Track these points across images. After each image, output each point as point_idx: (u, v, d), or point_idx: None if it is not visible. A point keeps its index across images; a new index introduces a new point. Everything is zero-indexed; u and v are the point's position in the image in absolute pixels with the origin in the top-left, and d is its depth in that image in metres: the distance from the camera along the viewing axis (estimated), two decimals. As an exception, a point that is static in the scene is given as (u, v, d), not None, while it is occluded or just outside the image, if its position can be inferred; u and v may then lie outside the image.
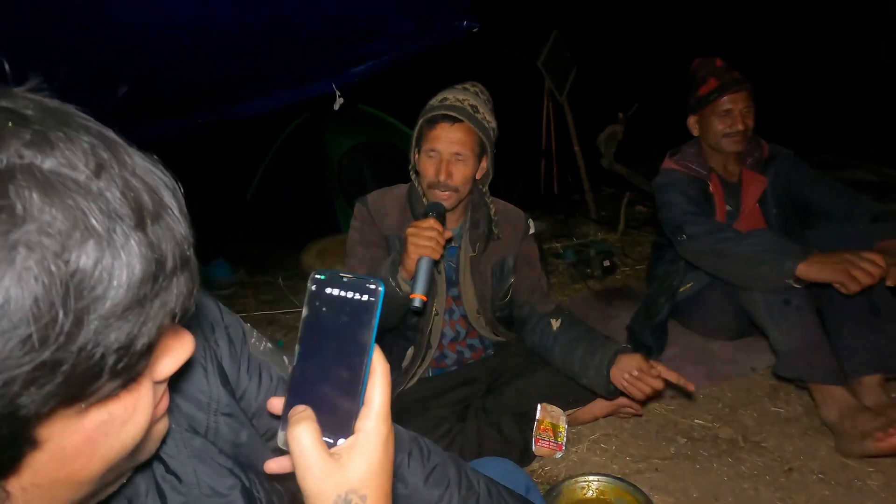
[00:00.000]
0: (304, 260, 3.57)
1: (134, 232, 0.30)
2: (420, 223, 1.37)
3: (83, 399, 0.32)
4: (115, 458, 0.37)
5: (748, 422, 1.72)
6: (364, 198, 1.64)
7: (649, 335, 2.06)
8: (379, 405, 0.46)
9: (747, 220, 2.05)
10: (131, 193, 0.31)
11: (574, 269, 3.12)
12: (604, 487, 1.37)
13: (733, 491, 1.44)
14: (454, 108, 1.47)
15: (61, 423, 0.32)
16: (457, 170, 1.48)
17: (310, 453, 0.44)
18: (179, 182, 0.36)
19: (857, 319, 1.61)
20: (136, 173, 0.32)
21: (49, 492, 0.35)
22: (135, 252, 0.30)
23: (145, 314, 0.31)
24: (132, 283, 0.30)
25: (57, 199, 0.28)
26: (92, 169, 0.29)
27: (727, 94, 1.95)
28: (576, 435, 1.72)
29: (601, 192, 4.71)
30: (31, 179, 0.27)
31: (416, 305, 1.31)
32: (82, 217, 0.28)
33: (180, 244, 0.33)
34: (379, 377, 0.47)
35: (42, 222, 0.27)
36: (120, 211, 0.30)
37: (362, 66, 2.78)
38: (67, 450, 0.33)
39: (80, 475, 0.36)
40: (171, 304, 0.33)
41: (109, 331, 0.30)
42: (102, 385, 0.32)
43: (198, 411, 0.57)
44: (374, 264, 1.55)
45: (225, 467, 0.55)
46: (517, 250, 1.67)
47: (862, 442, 1.45)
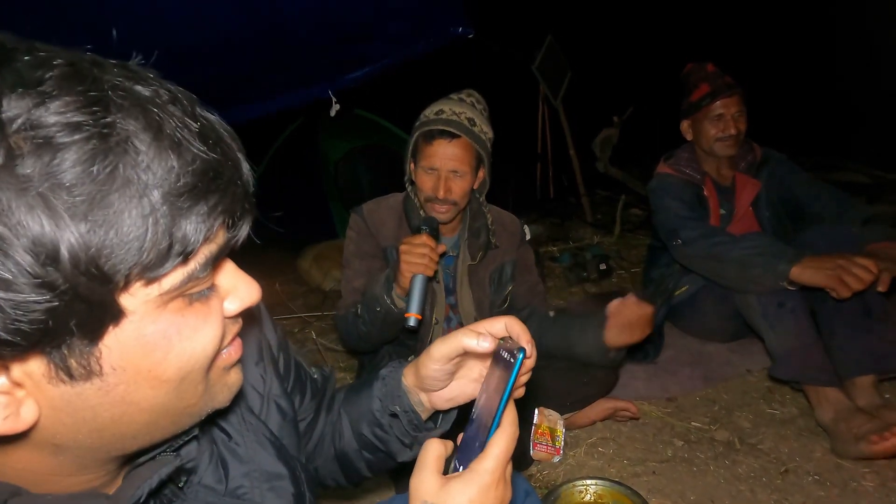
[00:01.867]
0: (301, 265, 3.56)
1: (196, 140, 0.38)
2: (413, 239, 1.36)
3: (157, 279, 0.38)
4: (189, 366, 0.42)
5: (744, 424, 1.74)
6: (359, 208, 1.63)
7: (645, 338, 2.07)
8: (495, 455, 0.51)
9: (741, 223, 2.07)
10: (199, 122, 0.39)
11: (570, 273, 3.13)
12: (601, 491, 1.37)
13: (730, 493, 1.45)
14: (451, 122, 1.46)
15: (142, 306, 0.38)
16: (455, 185, 1.47)
17: (427, 463, 0.53)
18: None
19: (850, 321, 1.62)
20: (204, 115, 0.41)
21: (134, 383, 0.40)
22: (196, 151, 0.38)
23: (206, 203, 0.38)
24: (195, 171, 0.37)
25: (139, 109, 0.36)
26: (170, 99, 0.38)
27: (719, 99, 1.97)
28: (573, 439, 1.73)
29: (597, 195, 4.73)
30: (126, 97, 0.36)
31: (411, 325, 1.31)
32: (157, 123, 0.36)
33: (238, 168, 0.42)
34: (504, 433, 0.53)
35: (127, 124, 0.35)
36: (189, 126, 0.38)
37: (358, 72, 2.78)
38: (147, 337, 0.39)
39: (160, 370, 0.41)
40: (228, 205, 0.40)
41: (176, 210, 0.36)
42: (171, 270, 0.38)
43: (255, 394, 0.65)
44: (372, 276, 1.55)
45: (275, 447, 0.63)
46: (514, 257, 1.67)
47: (857, 444, 1.46)
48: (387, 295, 1.40)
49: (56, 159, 0.33)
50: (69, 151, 0.33)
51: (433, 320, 1.57)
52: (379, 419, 0.74)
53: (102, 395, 0.39)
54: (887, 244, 1.66)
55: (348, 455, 0.78)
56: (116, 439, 0.43)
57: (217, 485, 0.57)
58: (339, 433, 0.79)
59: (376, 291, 1.42)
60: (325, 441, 0.80)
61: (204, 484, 0.56)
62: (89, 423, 0.41)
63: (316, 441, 0.80)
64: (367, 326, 1.47)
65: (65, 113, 0.33)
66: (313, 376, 0.81)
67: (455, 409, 0.73)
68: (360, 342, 1.56)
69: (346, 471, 0.80)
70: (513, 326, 0.61)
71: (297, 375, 0.76)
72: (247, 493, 0.58)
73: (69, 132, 0.33)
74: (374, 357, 1.65)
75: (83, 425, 0.41)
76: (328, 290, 3.24)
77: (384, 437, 0.74)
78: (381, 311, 1.41)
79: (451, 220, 1.54)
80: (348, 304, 1.55)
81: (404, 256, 1.34)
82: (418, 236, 1.37)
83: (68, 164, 0.33)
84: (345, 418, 0.79)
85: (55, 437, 0.41)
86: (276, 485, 0.61)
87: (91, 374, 0.38)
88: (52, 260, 0.33)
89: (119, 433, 0.43)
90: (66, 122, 0.33)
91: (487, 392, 0.57)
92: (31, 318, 0.33)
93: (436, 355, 0.64)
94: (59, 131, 0.33)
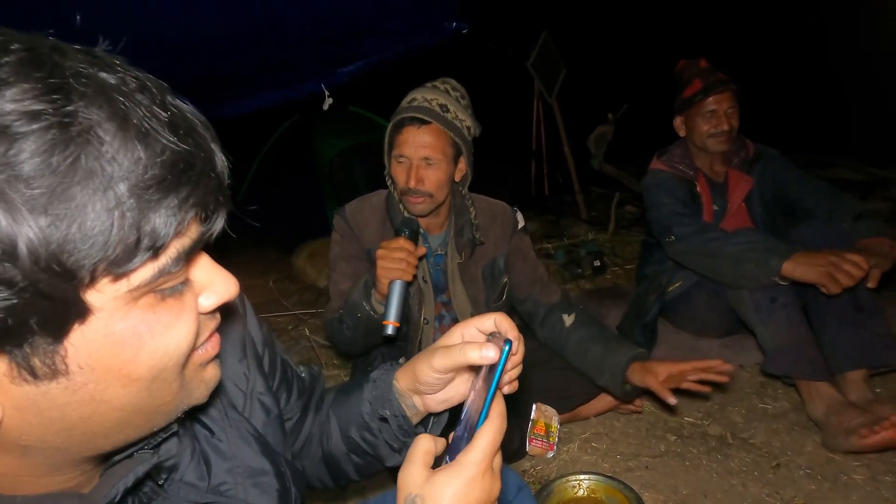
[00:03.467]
0: (295, 263, 3.55)
1: (165, 130, 0.37)
2: (390, 244, 1.32)
3: (125, 274, 0.36)
4: (161, 363, 0.41)
5: (736, 418, 1.74)
6: (342, 209, 1.58)
7: (639, 334, 2.07)
8: (481, 447, 0.51)
9: (734, 219, 2.08)
10: (169, 111, 0.38)
11: (565, 270, 3.14)
12: (594, 486, 1.38)
13: (722, 487, 1.46)
14: (421, 108, 1.40)
15: (110, 302, 0.37)
16: (428, 175, 1.41)
17: (415, 456, 0.53)
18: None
19: (841, 316, 1.64)
20: (175, 104, 0.39)
21: (104, 381, 0.39)
22: (165, 141, 0.36)
23: (176, 196, 0.37)
24: (164, 163, 0.36)
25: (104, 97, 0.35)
26: (137, 87, 0.37)
27: (712, 96, 1.98)
28: (567, 434, 1.73)
29: (591, 192, 4.74)
30: (90, 85, 0.35)
31: (389, 332, 1.28)
32: (123, 112, 0.35)
33: (211, 160, 0.40)
34: (491, 425, 0.53)
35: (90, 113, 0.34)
36: (157, 115, 0.37)
37: (351, 66, 2.77)
38: (117, 335, 0.38)
39: (130, 368, 0.39)
40: (200, 197, 0.38)
41: (143, 203, 0.35)
42: (140, 265, 0.36)
43: (237, 391, 0.65)
44: (357, 279, 1.52)
45: (259, 442, 0.62)
46: (507, 248, 1.63)
47: (848, 438, 1.47)
48: (366, 301, 1.36)
49: (12, 150, 0.31)
50: (27, 141, 0.31)
51: (423, 320, 1.55)
52: (368, 423, 0.73)
53: (70, 394, 0.38)
54: (878, 240, 1.67)
55: (336, 457, 0.78)
56: (87, 439, 0.42)
57: (199, 481, 0.56)
58: (327, 435, 0.78)
59: (356, 298, 1.39)
60: (313, 442, 0.80)
61: (186, 481, 0.55)
62: (57, 422, 0.39)
63: (303, 441, 0.80)
64: (351, 332, 1.45)
65: (22, 101, 0.32)
66: (300, 375, 0.80)
67: (446, 413, 0.73)
68: (347, 347, 1.54)
69: (334, 473, 0.80)
70: (501, 323, 0.61)
71: (283, 373, 0.75)
72: (230, 489, 0.58)
73: (27, 121, 0.32)
74: (366, 356, 1.64)
75: (51, 425, 0.39)
76: (322, 287, 3.24)
77: (373, 441, 0.74)
78: (363, 318, 1.38)
79: (429, 212, 1.48)
80: (335, 308, 1.52)
81: (381, 262, 1.30)
82: (395, 240, 1.32)
83: (26, 155, 0.31)
84: (333, 420, 0.78)
85: (21, 438, 0.39)
86: (260, 480, 0.60)
87: (57, 374, 0.37)
88: (9, 256, 0.32)
89: (89, 432, 0.41)
90: (24, 111, 0.32)
91: (476, 388, 0.57)
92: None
93: (437, 366, 0.63)
94: (15, 120, 0.31)
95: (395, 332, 1.28)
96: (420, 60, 2.90)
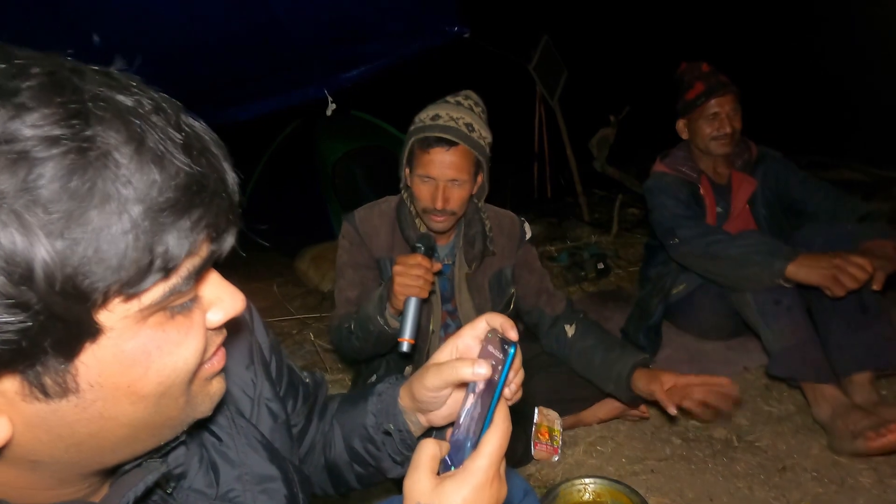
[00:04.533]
0: (298, 266, 3.55)
1: (179, 152, 0.37)
2: (407, 260, 1.30)
3: (137, 294, 0.37)
4: (169, 380, 0.41)
5: (742, 421, 1.74)
6: (351, 215, 1.57)
7: (643, 337, 2.07)
8: (488, 453, 0.51)
9: (737, 221, 2.08)
10: (183, 132, 0.39)
11: (568, 272, 3.13)
12: (600, 490, 1.37)
13: (728, 490, 1.45)
14: (448, 129, 1.39)
15: (121, 322, 0.37)
16: (454, 195, 1.41)
17: (421, 463, 0.52)
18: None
19: (847, 318, 1.63)
20: (189, 123, 0.40)
21: (113, 399, 0.39)
22: (179, 164, 0.37)
23: (189, 218, 0.37)
24: (178, 186, 0.36)
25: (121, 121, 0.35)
26: (153, 109, 0.38)
27: (714, 98, 1.98)
28: (572, 438, 1.73)
29: (594, 194, 4.73)
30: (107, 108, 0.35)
31: (404, 349, 1.27)
32: (139, 136, 0.36)
33: (223, 179, 0.41)
34: (497, 430, 0.52)
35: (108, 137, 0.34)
36: (172, 137, 0.37)
37: (354, 72, 2.78)
38: (127, 353, 0.38)
39: (139, 386, 0.40)
40: (212, 218, 0.39)
41: (157, 225, 0.35)
42: (152, 285, 0.37)
43: (245, 397, 0.65)
44: (365, 286, 1.51)
45: (266, 449, 0.62)
46: (514, 260, 1.63)
47: (854, 441, 1.46)
48: (380, 315, 1.35)
49: (32, 174, 0.32)
50: (46, 167, 0.32)
51: (430, 330, 1.54)
52: (372, 435, 0.73)
53: (79, 411, 0.38)
54: (882, 242, 1.66)
55: (338, 466, 0.78)
56: (95, 453, 0.43)
57: (208, 489, 0.56)
58: (330, 443, 0.78)
59: (369, 311, 1.38)
60: (316, 450, 0.80)
61: (194, 488, 0.55)
62: (66, 439, 0.40)
63: (307, 448, 0.80)
64: (360, 342, 1.44)
65: (42, 126, 0.32)
66: (305, 380, 0.80)
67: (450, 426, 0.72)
68: (354, 354, 1.54)
69: (335, 481, 0.80)
70: (493, 320, 0.60)
71: (289, 380, 0.76)
72: (238, 496, 0.58)
73: (47, 146, 0.32)
74: (371, 363, 1.63)
75: (60, 441, 0.40)
76: (326, 291, 3.24)
77: (376, 453, 0.73)
78: (375, 331, 1.37)
79: (449, 229, 1.50)
80: (341, 315, 1.51)
81: (398, 278, 1.29)
82: (413, 256, 1.31)
83: (45, 180, 0.32)
84: (337, 429, 0.78)
85: (31, 454, 0.40)
86: (269, 487, 0.60)
87: (67, 392, 0.37)
88: (25, 279, 0.32)
89: (97, 447, 0.42)
90: (44, 136, 0.32)
91: (477, 390, 0.56)
92: (4, 338, 0.32)
93: (430, 385, 0.62)
94: (35, 145, 0.32)
95: (409, 350, 1.27)
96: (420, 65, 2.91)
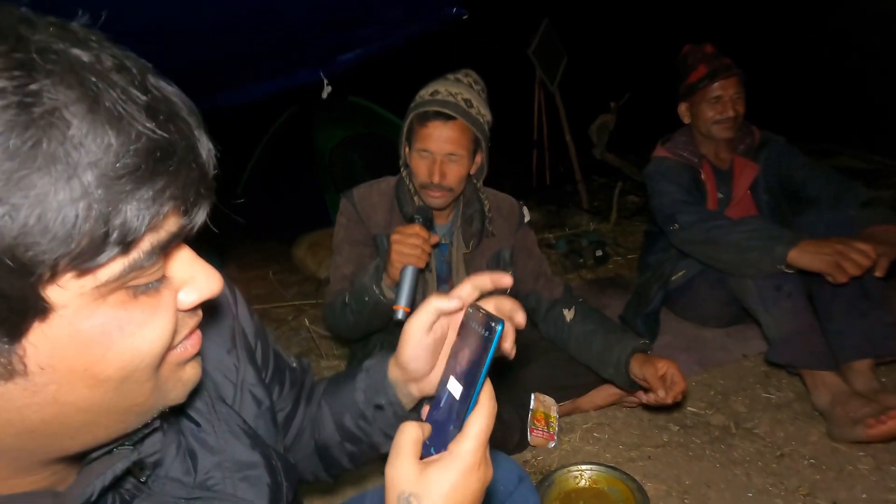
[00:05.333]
0: (295, 254, 3.54)
1: (143, 115, 0.33)
2: (405, 229, 1.32)
3: (91, 269, 0.33)
4: (132, 364, 0.38)
5: (740, 408, 1.73)
6: (350, 192, 1.58)
7: (641, 323, 2.06)
8: (473, 435, 0.49)
9: (739, 206, 2.05)
10: (149, 94, 0.35)
11: (566, 260, 3.11)
12: (596, 476, 1.37)
13: (725, 477, 1.45)
14: (447, 103, 1.40)
15: (76, 299, 0.34)
16: (451, 170, 1.42)
17: (404, 447, 0.49)
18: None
19: (848, 304, 1.61)
20: (157, 86, 0.36)
21: (68, 383, 0.36)
22: (141, 127, 0.33)
23: (150, 187, 0.34)
24: (138, 151, 0.33)
25: (73, 76, 0.32)
26: (114, 66, 0.34)
27: (717, 81, 1.94)
28: (568, 424, 1.72)
29: (593, 181, 4.70)
30: (58, 62, 0.31)
31: (399, 317, 1.27)
32: (94, 94, 0.32)
33: (193, 148, 0.37)
34: (482, 411, 0.50)
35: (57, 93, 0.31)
36: (134, 98, 0.33)
37: (350, 54, 2.73)
38: (82, 333, 0.35)
39: (98, 369, 0.36)
40: (178, 190, 0.35)
41: (113, 193, 0.32)
42: (108, 260, 0.33)
43: (227, 383, 0.62)
44: (362, 263, 1.51)
45: (249, 436, 0.60)
46: (512, 242, 1.63)
47: (853, 428, 1.45)
48: (376, 285, 1.36)
49: None
50: None
51: None
52: (363, 410, 0.71)
53: (29, 395, 0.35)
54: (886, 227, 1.64)
55: (329, 447, 0.76)
56: (51, 440, 0.39)
57: (185, 477, 0.54)
58: (319, 425, 0.76)
59: (365, 281, 1.38)
60: (305, 435, 0.78)
61: (171, 476, 0.53)
62: (16, 425, 0.36)
63: (294, 434, 0.78)
64: (354, 316, 1.44)
65: None
66: (291, 365, 0.78)
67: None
68: (347, 331, 1.53)
69: (327, 463, 0.78)
70: (479, 280, 0.60)
71: (276, 365, 0.73)
72: (217, 484, 0.56)
73: None
74: (365, 345, 1.63)
75: (9, 427, 0.37)
76: (322, 278, 3.22)
77: (367, 428, 0.72)
78: (370, 302, 1.38)
79: (446, 206, 1.50)
80: (336, 291, 1.52)
81: (395, 247, 1.30)
82: (411, 226, 1.33)
83: None
84: (326, 409, 0.76)
85: None
86: (250, 474, 0.58)
87: (14, 374, 0.34)
88: None
89: (52, 434, 0.39)
90: None
91: (458, 364, 0.53)
92: None
93: (412, 330, 0.61)
94: None
95: (405, 317, 1.27)
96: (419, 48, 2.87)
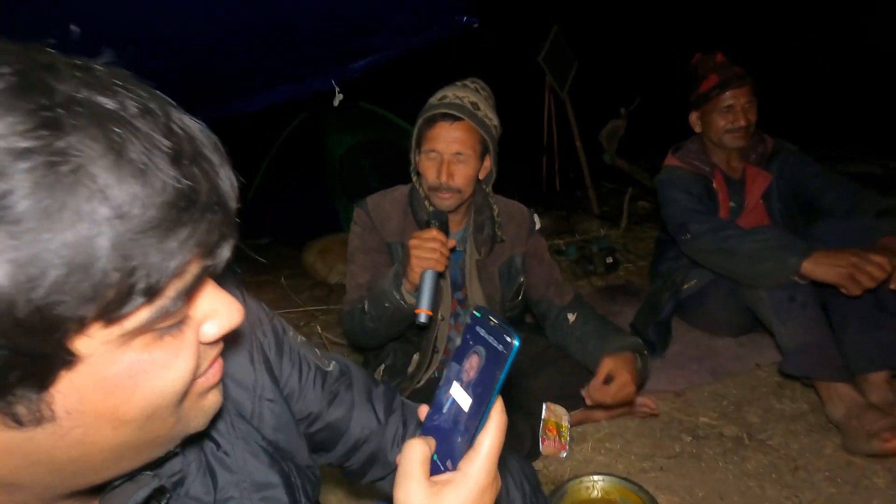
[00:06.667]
0: (305, 259, 3.56)
1: (168, 164, 0.34)
2: (423, 234, 1.34)
3: (118, 319, 0.34)
4: (156, 403, 0.39)
5: (753, 419, 1.72)
6: (363, 202, 1.60)
7: (653, 332, 2.05)
8: (485, 453, 0.48)
9: (751, 216, 2.04)
10: (173, 137, 0.35)
11: (577, 266, 3.11)
12: (609, 487, 1.36)
13: (739, 489, 1.44)
14: (453, 105, 1.44)
15: (101, 347, 0.34)
16: (458, 170, 1.45)
17: (413, 468, 0.48)
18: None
19: (863, 316, 1.59)
20: (180, 126, 0.36)
21: (94, 425, 0.37)
22: (165, 178, 0.33)
23: (175, 237, 0.34)
24: (163, 203, 0.33)
25: (98, 128, 0.32)
26: (139, 112, 0.34)
27: (728, 91, 1.93)
28: (580, 434, 1.71)
29: (603, 187, 4.68)
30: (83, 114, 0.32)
31: (422, 321, 1.28)
32: (118, 145, 0.32)
33: (216, 189, 0.37)
34: (493, 427, 0.49)
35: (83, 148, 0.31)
36: (159, 145, 0.34)
37: (362, 62, 2.75)
38: (109, 379, 0.35)
39: (123, 411, 0.37)
40: (202, 236, 0.36)
41: (138, 246, 0.32)
42: (135, 309, 0.34)
43: (245, 397, 0.62)
44: (377, 271, 1.53)
45: (267, 454, 0.60)
46: (524, 249, 1.65)
47: (869, 441, 1.44)
48: (395, 290, 1.37)
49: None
50: (11, 184, 0.29)
51: (439, 317, 1.55)
52: None
53: (57, 439, 0.36)
54: (901, 238, 1.62)
55: None
56: (77, 476, 0.40)
57: (205, 496, 0.54)
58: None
59: (385, 287, 1.40)
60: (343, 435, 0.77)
61: (191, 495, 0.54)
62: (45, 465, 0.37)
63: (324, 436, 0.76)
64: (374, 322, 1.45)
65: (7, 136, 0.29)
66: (326, 369, 0.76)
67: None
68: (366, 338, 1.55)
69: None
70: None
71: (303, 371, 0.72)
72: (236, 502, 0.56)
73: (11, 160, 0.29)
74: (379, 353, 1.64)
75: (38, 467, 0.37)
76: (333, 283, 3.24)
77: None
78: (390, 307, 1.39)
79: (455, 208, 1.51)
80: (353, 300, 1.54)
81: (414, 251, 1.32)
82: (428, 230, 1.35)
83: (10, 200, 0.29)
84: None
85: (7, 478, 0.38)
86: (268, 494, 0.58)
87: (42, 420, 0.34)
88: None
89: (78, 471, 0.40)
90: (9, 149, 0.29)
91: (464, 372, 0.52)
92: None
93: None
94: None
95: (427, 321, 1.28)
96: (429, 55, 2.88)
